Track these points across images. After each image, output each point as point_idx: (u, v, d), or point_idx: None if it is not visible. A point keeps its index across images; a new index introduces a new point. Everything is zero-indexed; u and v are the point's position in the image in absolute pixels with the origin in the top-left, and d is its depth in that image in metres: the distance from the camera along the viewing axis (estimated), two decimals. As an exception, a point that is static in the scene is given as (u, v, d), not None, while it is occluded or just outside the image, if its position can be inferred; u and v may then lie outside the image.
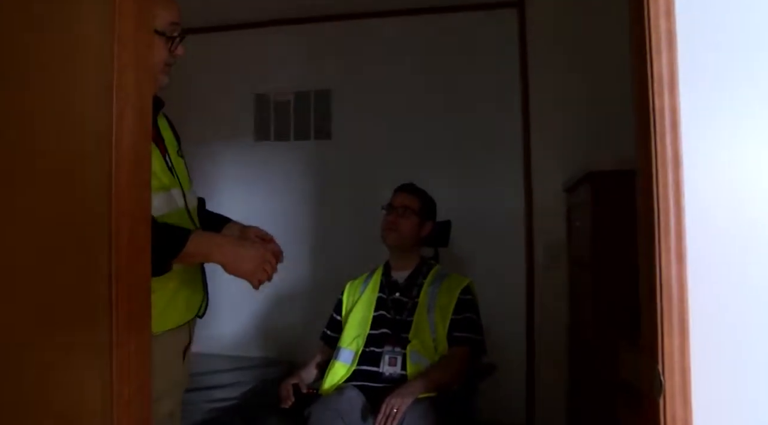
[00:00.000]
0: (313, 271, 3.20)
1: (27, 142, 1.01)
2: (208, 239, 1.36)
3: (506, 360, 2.70)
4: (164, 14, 1.36)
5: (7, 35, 1.01)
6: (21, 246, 1.00)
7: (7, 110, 1.02)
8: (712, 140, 0.90)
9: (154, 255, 1.26)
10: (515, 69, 2.95)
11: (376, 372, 1.98)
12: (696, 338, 0.88)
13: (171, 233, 1.28)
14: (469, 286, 2.15)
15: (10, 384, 1.00)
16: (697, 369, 0.86)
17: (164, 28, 1.36)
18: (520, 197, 2.93)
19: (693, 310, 0.88)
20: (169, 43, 1.38)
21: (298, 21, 3.28)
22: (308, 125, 3.30)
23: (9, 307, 0.99)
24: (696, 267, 0.88)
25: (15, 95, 1.01)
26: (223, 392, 2.69)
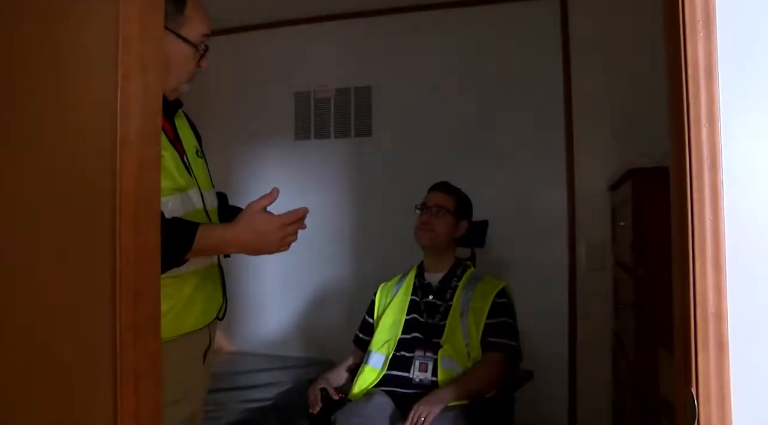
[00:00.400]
0: (355, 270, 3.17)
1: (29, 144, 1.00)
2: (219, 232, 1.32)
3: (547, 367, 2.61)
4: (200, 27, 1.39)
5: (6, 38, 1.00)
6: (21, 250, 0.98)
7: (9, 113, 1.01)
8: (756, 134, 0.79)
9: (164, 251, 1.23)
10: (557, 63, 2.82)
11: (406, 377, 1.92)
12: (737, 358, 0.78)
13: (179, 229, 1.25)
14: (504, 289, 2.06)
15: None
16: (738, 395, 0.76)
17: (197, 40, 1.38)
18: (562, 196, 2.80)
19: (733, 326, 0.78)
20: (198, 55, 1.40)
21: (337, 17, 3.24)
22: (348, 122, 3.26)
23: (8, 313, 0.97)
24: (736, 278, 0.78)
25: (17, 98, 1.00)
26: (259, 392, 2.68)
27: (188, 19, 1.37)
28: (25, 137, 0.99)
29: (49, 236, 1.00)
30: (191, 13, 1.38)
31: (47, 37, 1.00)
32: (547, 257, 2.81)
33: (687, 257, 0.79)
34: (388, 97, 3.17)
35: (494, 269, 2.54)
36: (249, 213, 1.37)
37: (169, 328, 1.30)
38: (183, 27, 1.36)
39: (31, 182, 0.99)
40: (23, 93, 0.98)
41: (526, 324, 2.32)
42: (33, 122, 1.00)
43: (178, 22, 1.35)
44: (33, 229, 0.98)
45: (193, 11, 1.39)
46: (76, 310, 1.00)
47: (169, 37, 1.34)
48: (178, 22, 1.35)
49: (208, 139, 3.47)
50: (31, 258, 0.98)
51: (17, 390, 0.97)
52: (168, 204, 1.29)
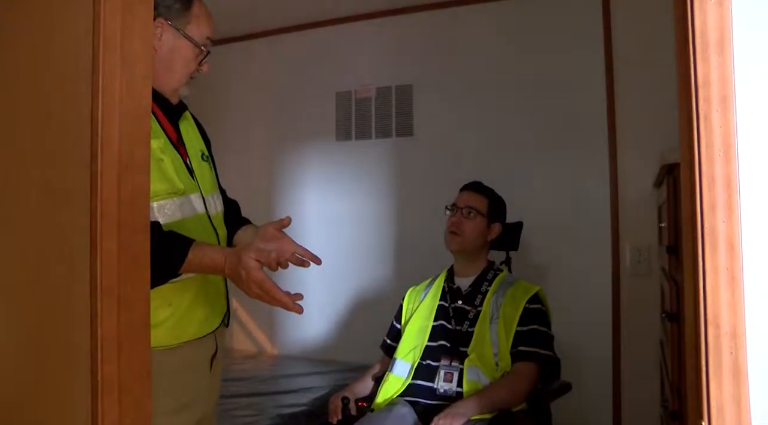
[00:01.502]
0: (398, 273, 3.10)
1: (6, 146, 0.98)
2: (210, 256, 1.21)
3: (589, 379, 2.46)
4: (205, 28, 1.37)
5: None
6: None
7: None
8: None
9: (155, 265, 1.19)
10: (599, 57, 2.66)
11: (431, 387, 1.83)
12: (758, 386, 0.65)
13: (171, 245, 1.20)
14: (538, 294, 1.94)
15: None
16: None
17: (202, 41, 1.36)
18: (604, 195, 2.63)
19: (752, 348, 0.66)
20: (201, 57, 1.38)
21: (377, 15, 3.19)
22: (389, 122, 3.19)
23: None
24: (755, 292, 0.66)
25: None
26: (293, 397, 2.66)
27: (194, 17, 1.35)
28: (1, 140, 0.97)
29: (27, 242, 0.98)
30: (197, 12, 1.36)
31: (24, 36, 0.98)
32: (588, 261, 2.65)
33: (697, 268, 0.68)
34: (429, 95, 3.09)
35: (532, 274, 2.41)
36: (246, 248, 1.22)
37: (170, 336, 1.27)
38: (188, 26, 1.33)
39: (10, 184, 0.98)
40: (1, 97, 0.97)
41: (566, 332, 2.18)
42: (10, 124, 0.99)
43: (183, 20, 1.33)
44: (10, 233, 0.97)
45: (199, 10, 1.37)
46: (54, 317, 0.98)
47: (174, 35, 1.32)
48: (183, 20, 1.33)
49: (249, 141, 3.56)
50: (9, 264, 0.96)
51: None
52: (165, 208, 1.26)
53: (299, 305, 1.24)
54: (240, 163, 3.51)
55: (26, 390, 0.97)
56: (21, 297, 0.97)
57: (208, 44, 1.38)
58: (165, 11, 1.30)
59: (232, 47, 3.55)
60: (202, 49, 1.36)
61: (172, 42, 1.32)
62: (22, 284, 0.97)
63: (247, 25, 3.42)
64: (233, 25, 3.40)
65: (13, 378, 0.97)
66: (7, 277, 0.96)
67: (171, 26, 1.31)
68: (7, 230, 0.96)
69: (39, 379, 0.98)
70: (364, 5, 3.15)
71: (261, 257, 1.21)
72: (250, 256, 1.19)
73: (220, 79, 3.57)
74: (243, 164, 3.51)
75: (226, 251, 1.23)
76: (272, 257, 1.24)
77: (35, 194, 0.98)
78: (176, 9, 1.33)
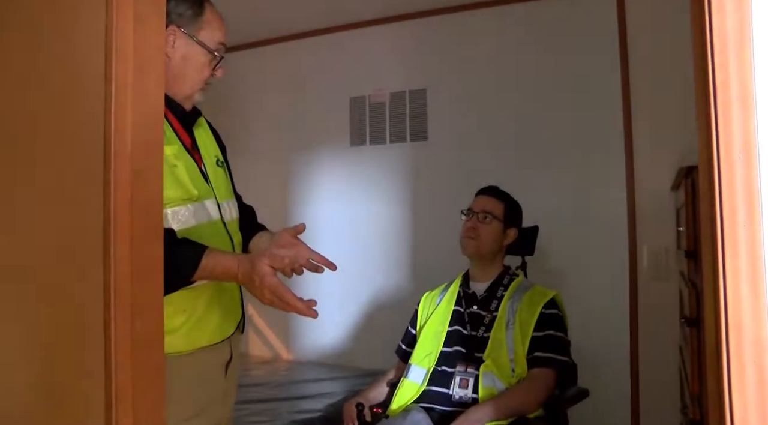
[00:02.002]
0: (413, 278, 3.09)
1: (20, 156, 0.99)
2: (223, 263, 1.21)
3: (606, 386, 2.42)
4: (217, 34, 1.37)
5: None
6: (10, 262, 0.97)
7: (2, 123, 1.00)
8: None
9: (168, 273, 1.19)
10: (615, 58, 2.63)
11: (446, 394, 1.81)
12: (782, 396, 0.63)
13: (184, 253, 1.20)
14: (554, 299, 1.91)
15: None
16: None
17: (215, 47, 1.37)
18: (621, 197, 2.60)
19: (776, 358, 0.63)
20: (214, 63, 1.38)
21: (390, 20, 3.19)
22: (404, 126, 3.19)
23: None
24: (778, 299, 0.64)
25: (10, 108, 0.99)
26: (308, 403, 2.65)
27: (206, 23, 1.35)
28: (15, 149, 0.98)
29: (40, 250, 0.98)
30: (209, 18, 1.36)
31: (37, 45, 0.99)
32: (605, 265, 2.61)
33: (717, 273, 0.66)
34: (443, 99, 3.08)
35: (548, 279, 2.38)
36: (260, 254, 1.23)
37: (184, 342, 1.27)
38: (201, 32, 1.34)
39: (24, 193, 0.98)
40: (12, 105, 0.97)
41: (583, 337, 2.15)
42: (23, 133, 0.99)
43: (195, 26, 1.33)
44: (24, 242, 0.97)
45: (211, 16, 1.37)
46: (68, 325, 0.98)
47: (186, 41, 1.32)
48: (195, 26, 1.33)
49: (264, 147, 3.57)
50: (21, 272, 0.97)
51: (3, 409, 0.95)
52: (179, 214, 1.26)
53: (314, 310, 1.23)
54: (255, 169, 3.52)
55: (40, 397, 0.97)
56: (34, 305, 0.97)
57: (221, 50, 1.39)
58: (177, 18, 1.31)
59: (246, 54, 3.56)
60: (215, 54, 1.36)
61: (185, 49, 1.32)
62: (34, 291, 0.97)
63: (260, 31, 3.44)
64: (247, 32, 3.42)
65: (27, 385, 0.97)
66: (19, 285, 0.97)
67: (183, 33, 1.31)
68: (21, 238, 0.97)
69: (53, 387, 0.98)
70: (377, 10, 3.15)
71: (275, 262, 1.21)
72: (264, 262, 1.19)
73: (235, 85, 3.59)
74: (258, 170, 3.52)
75: (239, 258, 1.23)
76: (286, 263, 1.24)
77: (48, 202, 0.98)
78: (188, 16, 1.33)
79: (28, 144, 0.98)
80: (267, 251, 1.23)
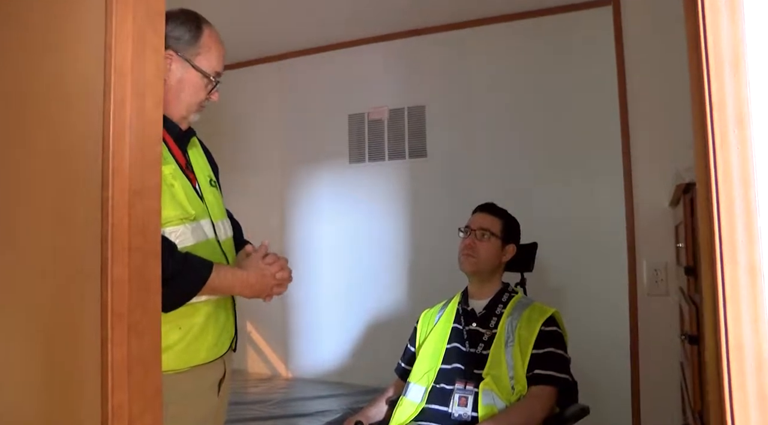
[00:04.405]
0: (412, 295, 3.08)
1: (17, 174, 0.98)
2: (231, 273, 1.33)
3: (606, 403, 2.39)
4: (214, 62, 1.39)
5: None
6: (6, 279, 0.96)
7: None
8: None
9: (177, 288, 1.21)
10: (612, 73, 2.65)
11: (445, 412, 1.79)
12: (784, 415, 0.63)
13: (193, 267, 1.22)
14: (553, 316, 1.90)
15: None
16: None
17: (210, 73, 1.38)
18: (620, 213, 2.59)
19: (777, 377, 0.63)
20: (210, 87, 1.40)
21: (388, 37, 3.21)
22: (403, 143, 3.19)
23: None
24: (778, 318, 0.63)
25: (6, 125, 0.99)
26: (307, 421, 2.63)
27: (204, 48, 1.36)
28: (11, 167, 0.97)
29: (38, 268, 0.98)
30: (207, 42, 1.37)
31: (35, 63, 0.99)
32: (605, 281, 2.61)
33: (717, 291, 0.66)
34: (442, 116, 3.09)
35: (548, 296, 2.37)
36: (256, 257, 1.39)
37: (179, 360, 1.27)
38: (198, 57, 1.34)
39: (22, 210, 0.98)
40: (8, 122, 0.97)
41: (583, 354, 2.14)
42: (22, 151, 0.99)
43: (193, 51, 1.34)
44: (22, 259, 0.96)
45: (209, 40, 1.38)
46: (65, 344, 0.97)
47: (183, 65, 1.33)
48: (193, 51, 1.34)
49: (263, 164, 3.57)
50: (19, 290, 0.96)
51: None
52: (176, 234, 1.26)
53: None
54: (254, 186, 3.52)
55: (36, 417, 0.96)
56: (31, 323, 0.97)
57: (217, 75, 1.39)
58: (174, 42, 1.32)
59: (245, 71, 3.58)
60: (211, 79, 1.37)
61: (181, 73, 1.33)
62: (32, 309, 0.96)
63: (259, 49, 3.46)
64: (245, 50, 3.44)
65: (23, 404, 0.96)
66: (17, 302, 0.96)
67: (180, 58, 1.32)
68: (19, 255, 0.96)
69: (49, 407, 0.97)
70: (376, 28, 3.17)
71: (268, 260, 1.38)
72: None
73: (233, 103, 3.61)
74: (257, 187, 3.52)
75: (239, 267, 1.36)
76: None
77: (47, 220, 0.98)
78: (186, 40, 1.34)
79: (25, 162, 0.98)
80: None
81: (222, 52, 1.39)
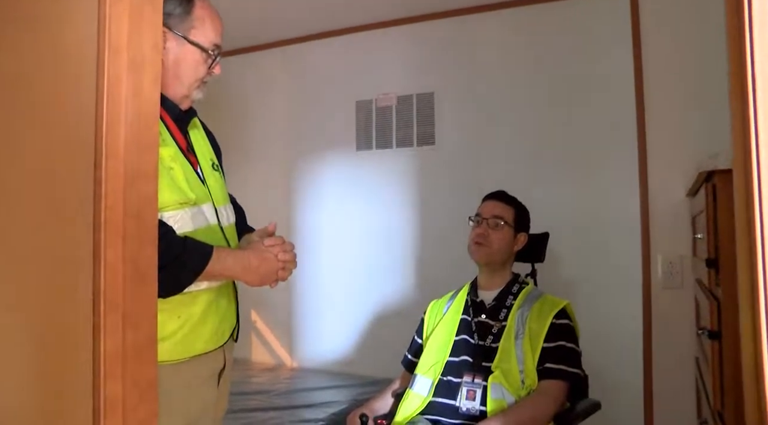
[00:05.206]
0: (420, 285, 3.03)
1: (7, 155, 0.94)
2: (233, 257, 1.26)
3: (619, 399, 2.35)
4: (210, 34, 1.32)
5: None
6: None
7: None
8: None
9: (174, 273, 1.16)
10: (628, 60, 2.57)
11: (453, 406, 1.75)
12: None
13: (192, 250, 1.17)
14: (565, 309, 1.85)
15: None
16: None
17: (208, 46, 1.32)
18: (634, 204, 2.52)
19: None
20: (209, 61, 1.33)
21: (397, 23, 3.14)
22: (411, 130, 3.13)
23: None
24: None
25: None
26: (312, 412, 2.59)
27: (197, 21, 1.30)
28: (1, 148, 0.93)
29: (28, 254, 0.93)
30: (200, 14, 1.30)
31: (23, 39, 0.94)
32: (618, 274, 2.54)
33: (756, 283, 0.60)
34: (451, 103, 3.02)
35: (559, 288, 2.32)
36: (257, 241, 1.35)
37: (178, 350, 1.22)
38: (192, 31, 1.29)
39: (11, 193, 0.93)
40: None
41: (595, 348, 2.08)
42: (10, 132, 0.94)
43: (186, 25, 1.28)
44: (11, 245, 0.92)
45: (202, 12, 1.31)
46: (56, 333, 0.93)
47: (177, 41, 1.28)
48: (186, 25, 1.28)
49: (268, 151, 3.52)
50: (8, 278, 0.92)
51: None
52: (175, 219, 1.21)
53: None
54: (259, 173, 3.47)
55: (26, 409, 0.92)
56: (21, 313, 0.92)
57: (216, 50, 1.34)
58: (165, 18, 1.25)
59: (251, 57, 3.52)
60: (209, 52, 1.31)
61: (176, 50, 1.28)
62: (21, 298, 0.92)
63: (265, 35, 3.40)
64: (251, 36, 3.38)
65: (12, 395, 0.92)
66: (5, 291, 0.92)
67: (174, 34, 1.27)
68: (5, 242, 0.92)
69: (39, 398, 0.92)
70: (384, 13, 3.10)
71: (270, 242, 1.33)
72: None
73: (239, 89, 3.55)
74: (262, 175, 3.47)
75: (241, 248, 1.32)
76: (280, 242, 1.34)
77: (35, 205, 0.93)
78: (177, 15, 1.28)
79: (13, 144, 0.93)
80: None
81: (218, 22, 1.33)
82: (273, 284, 1.33)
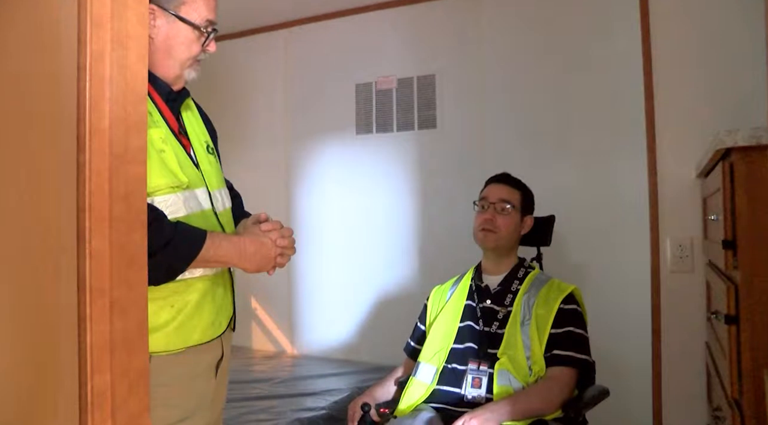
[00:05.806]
0: (421, 271, 2.98)
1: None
2: (227, 242, 1.20)
3: (627, 385, 2.31)
4: (203, 10, 1.26)
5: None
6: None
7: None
8: None
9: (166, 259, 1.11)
10: (635, 39, 2.49)
11: (458, 393, 1.70)
12: None
13: (185, 236, 1.12)
14: (573, 294, 1.80)
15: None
16: None
17: (201, 23, 1.26)
18: (642, 187, 2.45)
19: None
20: (203, 39, 1.27)
21: (397, 3, 3.07)
22: (412, 114, 3.07)
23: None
24: None
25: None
26: (313, 400, 2.56)
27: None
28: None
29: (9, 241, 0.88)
30: None
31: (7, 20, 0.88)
32: (626, 257, 2.48)
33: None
34: (453, 85, 2.96)
35: (566, 273, 2.27)
36: (253, 226, 1.29)
37: (172, 340, 1.17)
38: (182, 7, 1.22)
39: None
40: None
41: (603, 333, 2.04)
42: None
43: (176, 2, 1.22)
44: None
45: None
46: (39, 323, 0.88)
47: (168, 18, 1.21)
48: (176, 2, 1.22)
49: (267, 135, 3.46)
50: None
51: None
52: (166, 204, 1.15)
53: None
54: (258, 158, 3.42)
55: (6, 402, 0.88)
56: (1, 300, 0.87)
57: (210, 26, 1.27)
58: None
59: (250, 40, 3.45)
60: (201, 30, 1.25)
61: (167, 27, 1.21)
62: (1, 286, 0.87)
63: (264, 17, 3.33)
64: (250, 18, 3.31)
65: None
66: None
67: (164, 11, 1.21)
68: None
69: (21, 391, 0.88)
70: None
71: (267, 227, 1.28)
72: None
73: (236, 72, 3.49)
74: (261, 159, 3.42)
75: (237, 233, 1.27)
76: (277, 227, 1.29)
77: (16, 188, 0.88)
78: None
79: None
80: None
81: (214, 3, 1.27)
82: (271, 271, 1.28)
